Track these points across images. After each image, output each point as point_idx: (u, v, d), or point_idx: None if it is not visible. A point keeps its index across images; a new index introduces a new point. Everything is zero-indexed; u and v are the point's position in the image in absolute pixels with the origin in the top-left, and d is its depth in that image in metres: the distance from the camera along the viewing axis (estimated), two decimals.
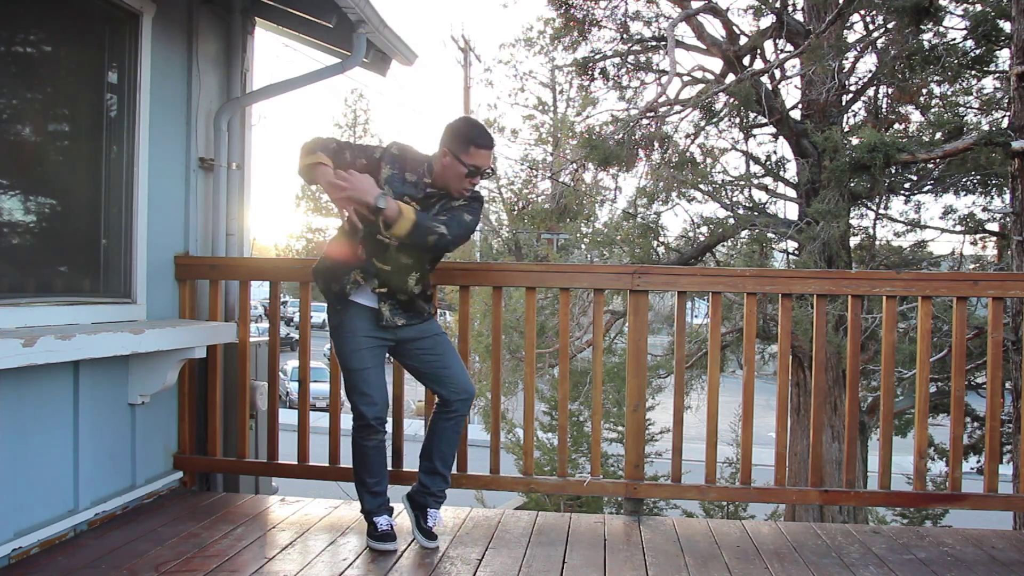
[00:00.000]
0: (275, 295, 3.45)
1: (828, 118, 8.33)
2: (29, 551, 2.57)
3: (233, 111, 3.72)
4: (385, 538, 2.74)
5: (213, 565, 2.52)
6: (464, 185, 2.67)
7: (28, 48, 2.80)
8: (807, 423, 8.69)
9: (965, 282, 3.24)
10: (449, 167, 2.64)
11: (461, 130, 2.65)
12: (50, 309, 2.71)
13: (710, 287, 3.25)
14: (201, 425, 3.49)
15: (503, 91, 48.33)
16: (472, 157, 2.62)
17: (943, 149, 7.04)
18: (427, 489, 2.83)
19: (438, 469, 2.82)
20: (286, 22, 3.90)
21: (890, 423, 3.19)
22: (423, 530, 2.79)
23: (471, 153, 2.62)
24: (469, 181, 2.66)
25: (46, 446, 2.70)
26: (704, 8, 8.74)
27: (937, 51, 7.67)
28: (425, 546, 2.76)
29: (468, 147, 2.62)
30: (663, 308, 11.92)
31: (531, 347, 3.38)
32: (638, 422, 3.32)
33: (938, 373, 7.92)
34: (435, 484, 2.83)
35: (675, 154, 8.83)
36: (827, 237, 7.52)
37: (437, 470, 2.82)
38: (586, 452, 12.32)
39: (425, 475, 2.84)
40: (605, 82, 9.73)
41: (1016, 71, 5.89)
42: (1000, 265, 8.36)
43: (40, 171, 2.82)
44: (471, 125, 2.68)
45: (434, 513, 2.83)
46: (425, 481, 2.84)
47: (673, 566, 2.64)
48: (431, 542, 2.77)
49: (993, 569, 2.67)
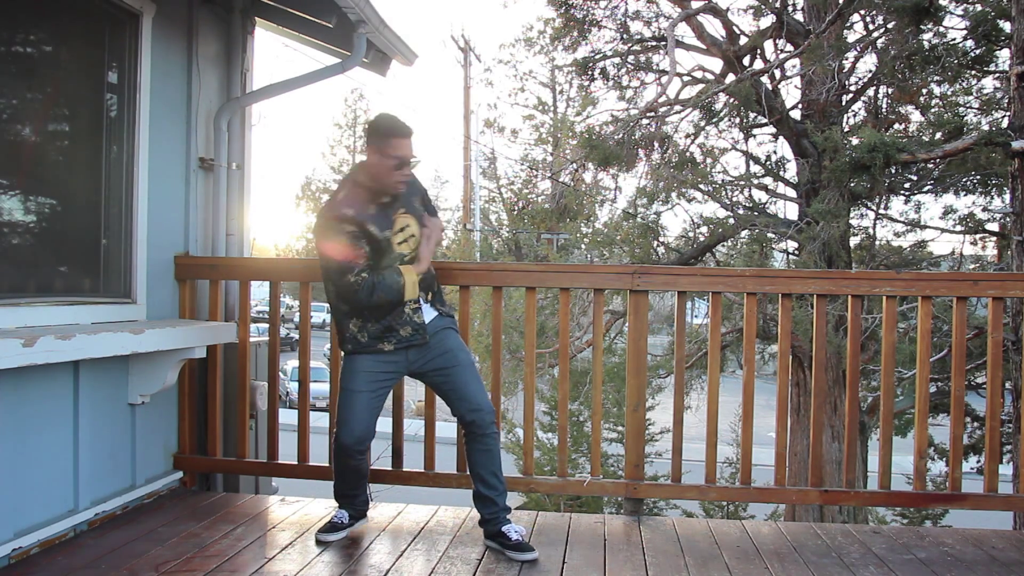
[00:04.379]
0: (275, 295, 3.46)
1: (828, 118, 8.33)
2: (29, 551, 2.57)
3: (233, 111, 3.72)
4: (325, 529, 2.84)
5: (213, 565, 2.52)
6: (396, 178, 2.69)
7: (28, 48, 2.80)
8: (807, 423, 8.69)
9: (965, 282, 3.24)
10: (377, 164, 2.67)
11: (378, 125, 2.68)
12: (50, 309, 2.71)
13: (710, 287, 3.24)
14: (201, 425, 3.49)
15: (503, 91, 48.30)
16: (394, 148, 2.65)
17: (943, 149, 7.04)
18: (483, 516, 2.80)
19: (483, 493, 2.78)
20: (286, 22, 3.90)
21: (890, 423, 3.19)
22: (512, 548, 2.69)
23: (393, 144, 2.64)
24: (400, 173, 2.68)
25: (46, 446, 2.70)
26: (704, 8, 8.74)
27: (937, 51, 7.66)
28: (523, 560, 2.65)
29: (389, 139, 2.64)
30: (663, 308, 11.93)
31: (531, 347, 3.38)
32: (638, 422, 3.32)
33: (938, 373, 7.92)
34: (485, 509, 2.78)
35: (675, 154, 8.83)
36: (827, 237, 7.51)
37: (483, 495, 2.78)
38: (586, 452, 12.32)
39: (476, 502, 2.82)
40: (605, 82, 9.73)
41: (1016, 71, 5.90)
42: (1000, 265, 8.36)
43: (40, 171, 2.82)
44: (386, 117, 2.70)
45: (509, 528, 2.73)
46: (478, 508, 2.82)
47: (673, 566, 2.64)
48: (526, 555, 2.66)
49: (993, 569, 2.67)
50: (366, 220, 2.66)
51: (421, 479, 3.31)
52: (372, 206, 2.71)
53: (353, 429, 2.71)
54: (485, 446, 2.76)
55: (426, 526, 3.01)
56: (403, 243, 2.75)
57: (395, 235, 2.73)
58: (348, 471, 2.84)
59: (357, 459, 2.78)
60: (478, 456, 2.76)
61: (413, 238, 2.78)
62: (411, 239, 2.77)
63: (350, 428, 2.71)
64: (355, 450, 2.74)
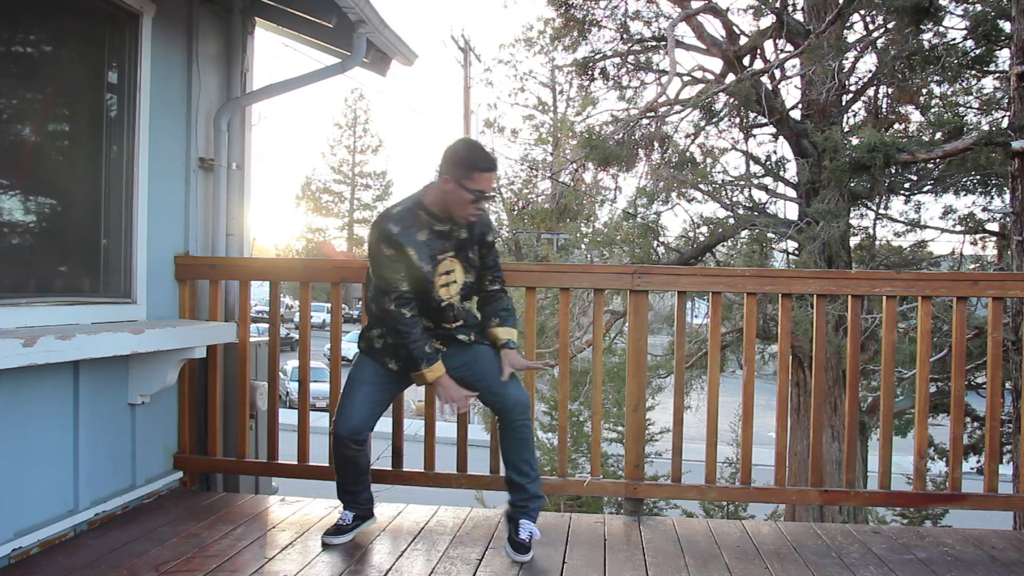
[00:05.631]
0: (275, 295, 3.46)
1: (828, 118, 8.33)
2: (29, 551, 2.57)
3: (233, 111, 3.72)
4: (330, 532, 2.80)
5: (213, 565, 2.52)
6: (469, 211, 2.59)
7: (28, 48, 2.80)
8: (807, 423, 8.69)
9: (965, 282, 3.24)
10: (452, 193, 2.56)
11: (462, 154, 2.56)
12: (50, 309, 2.71)
13: (710, 287, 3.25)
14: (201, 425, 3.49)
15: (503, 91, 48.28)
16: (476, 182, 2.53)
17: (943, 149, 7.04)
18: (511, 500, 2.76)
19: (513, 479, 2.73)
20: (286, 22, 3.90)
21: (890, 423, 3.19)
22: (513, 543, 2.68)
23: (474, 178, 2.53)
24: (474, 206, 2.58)
25: (46, 446, 2.70)
26: (704, 8, 8.74)
27: (937, 51, 7.67)
28: (513, 559, 2.64)
29: (471, 172, 2.52)
30: (663, 308, 11.93)
31: (531, 347, 3.37)
32: (638, 422, 3.33)
33: (938, 373, 7.91)
34: (514, 494, 2.74)
35: (675, 154, 8.84)
36: (827, 237, 7.51)
37: (512, 480, 2.73)
38: (586, 452, 12.32)
39: (507, 487, 2.78)
40: (605, 82, 9.74)
41: (1016, 71, 5.90)
42: (1000, 265, 8.36)
43: (40, 171, 2.82)
44: (472, 148, 2.59)
45: (526, 525, 2.69)
46: (508, 493, 2.78)
47: (673, 566, 2.64)
48: (520, 555, 2.64)
49: (993, 569, 2.67)
50: (409, 245, 2.58)
51: (421, 479, 3.31)
52: (425, 232, 2.62)
53: (349, 419, 2.70)
54: (519, 435, 2.72)
55: (426, 526, 3.01)
56: (444, 287, 2.69)
57: (437, 274, 2.65)
58: (346, 463, 2.80)
59: (352, 450, 2.73)
60: (511, 444, 2.73)
61: (455, 284, 2.71)
62: (452, 285, 2.70)
63: (346, 418, 2.71)
64: (350, 440, 2.70)
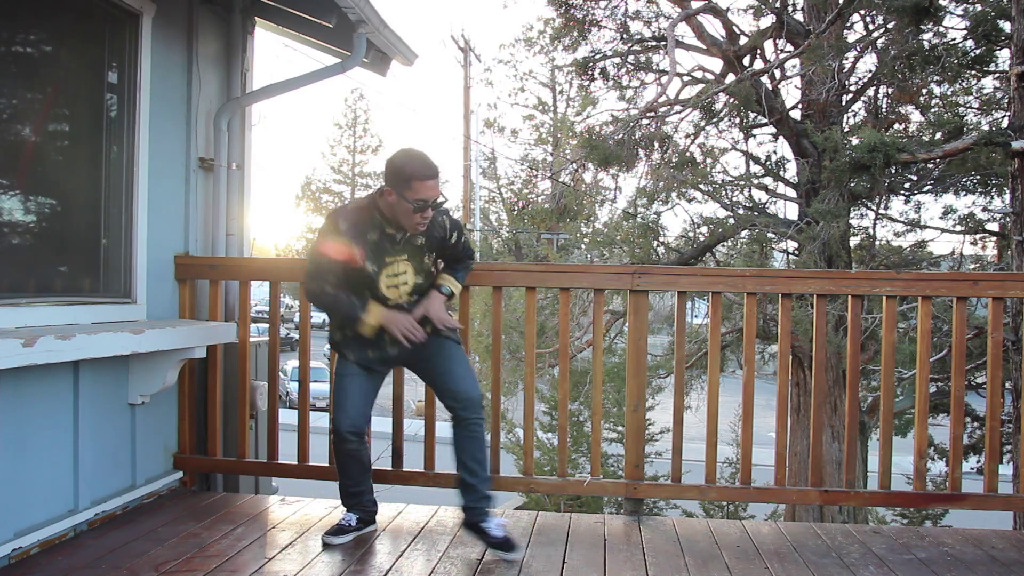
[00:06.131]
0: (275, 295, 3.46)
1: (828, 118, 8.33)
2: (29, 551, 2.57)
3: (233, 111, 3.72)
4: (331, 532, 2.80)
5: (213, 565, 2.52)
6: (416, 220, 2.55)
7: (28, 48, 2.80)
8: (807, 423, 8.69)
9: (965, 282, 3.24)
10: (395, 205, 2.53)
11: (398, 165, 2.51)
12: (50, 309, 2.71)
13: (710, 287, 3.25)
14: (201, 425, 3.49)
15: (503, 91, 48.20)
16: (415, 192, 2.48)
17: (943, 149, 7.04)
18: (465, 505, 2.74)
19: (465, 480, 2.71)
20: (286, 22, 3.90)
21: (890, 423, 3.19)
22: (495, 544, 2.64)
23: (414, 188, 2.48)
24: (420, 216, 2.54)
25: (46, 446, 2.70)
26: (704, 8, 8.74)
27: (937, 51, 7.67)
28: (505, 559, 2.61)
29: (410, 182, 2.48)
30: (663, 308, 11.92)
31: (531, 347, 3.38)
32: (638, 422, 3.33)
33: (938, 373, 7.92)
34: (467, 497, 2.72)
35: (675, 154, 8.84)
36: (827, 237, 7.52)
37: (465, 481, 2.71)
38: (586, 452, 12.32)
39: (458, 488, 2.76)
40: (605, 82, 9.74)
41: (1016, 71, 5.89)
42: (1000, 265, 8.36)
43: (40, 171, 2.82)
44: (410, 158, 2.52)
45: (489, 523, 2.67)
46: (460, 497, 2.76)
47: (673, 566, 2.64)
48: (510, 553, 2.62)
49: (993, 569, 2.67)
50: (355, 243, 2.58)
51: (421, 479, 3.31)
52: (375, 232, 2.62)
53: (347, 412, 2.71)
54: (471, 432, 2.71)
55: (426, 526, 3.01)
56: (392, 288, 2.68)
57: (384, 275, 2.65)
58: (348, 460, 2.80)
59: (354, 444, 2.74)
60: (462, 442, 2.71)
61: (406, 286, 2.69)
62: (403, 286, 2.69)
63: (343, 412, 2.72)
64: (351, 434, 2.71)
